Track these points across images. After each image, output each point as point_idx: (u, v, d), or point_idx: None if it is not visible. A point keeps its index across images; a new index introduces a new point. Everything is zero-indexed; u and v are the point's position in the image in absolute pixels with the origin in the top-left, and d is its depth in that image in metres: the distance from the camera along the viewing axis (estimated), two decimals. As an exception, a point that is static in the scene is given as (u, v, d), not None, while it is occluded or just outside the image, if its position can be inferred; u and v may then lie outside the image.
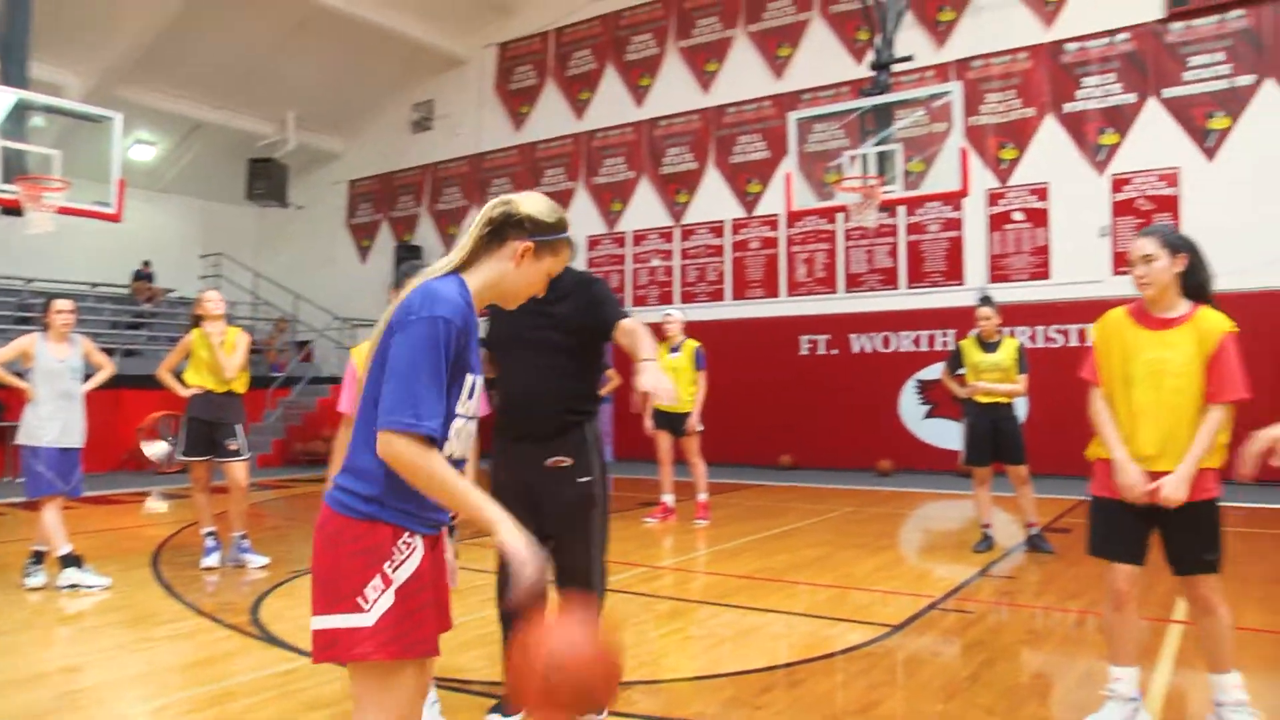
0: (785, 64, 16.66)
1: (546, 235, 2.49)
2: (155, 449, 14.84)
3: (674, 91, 17.88)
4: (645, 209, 18.14)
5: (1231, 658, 3.74)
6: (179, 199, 22.24)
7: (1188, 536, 3.72)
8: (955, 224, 14.89)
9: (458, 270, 2.43)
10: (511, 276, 2.48)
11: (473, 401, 2.41)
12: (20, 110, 10.28)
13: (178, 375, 7.78)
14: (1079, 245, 13.86)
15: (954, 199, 13.48)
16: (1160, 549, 3.80)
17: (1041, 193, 14.28)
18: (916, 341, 14.89)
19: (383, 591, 2.21)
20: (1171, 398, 3.70)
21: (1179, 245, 3.77)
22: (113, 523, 10.17)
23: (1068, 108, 14.13)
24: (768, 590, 6.69)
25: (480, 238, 2.46)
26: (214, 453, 7.66)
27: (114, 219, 11.12)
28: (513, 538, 2.20)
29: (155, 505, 11.59)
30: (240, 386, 7.78)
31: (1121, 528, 3.82)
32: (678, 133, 17.82)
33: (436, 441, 2.20)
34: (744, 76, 17.09)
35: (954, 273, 14.86)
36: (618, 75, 18.64)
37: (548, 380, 3.60)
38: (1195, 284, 3.78)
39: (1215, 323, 3.71)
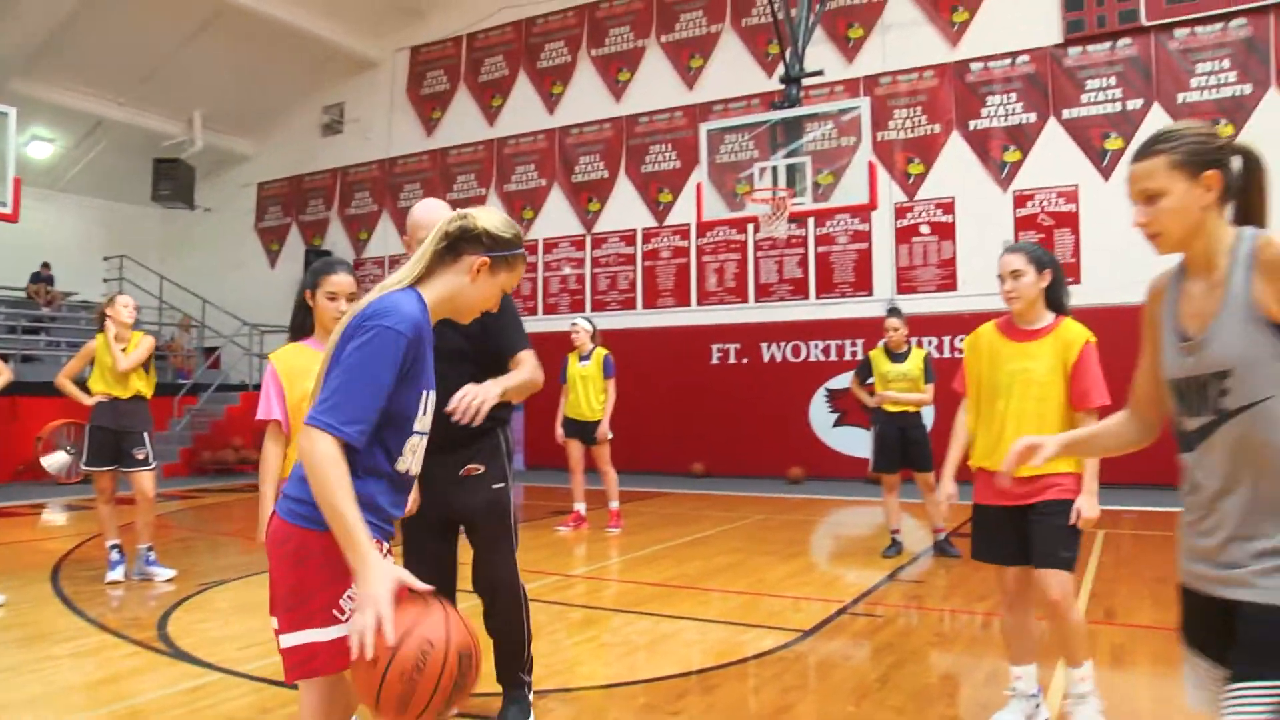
0: (697, 75, 16.83)
1: (503, 251, 2.49)
2: (54, 460, 14.41)
3: (586, 100, 17.93)
4: (557, 217, 18.14)
5: (1085, 650, 3.90)
6: (80, 199, 21.58)
7: (1048, 533, 3.83)
8: (864, 236, 15.18)
9: (414, 284, 2.42)
10: (467, 291, 2.47)
11: (427, 417, 2.41)
12: (-94, 105, 9.93)
13: (80, 383, 7.59)
14: (984, 258, 14.18)
15: (863, 211, 13.73)
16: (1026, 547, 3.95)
17: (948, 207, 14.64)
18: (826, 351, 15.14)
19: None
20: (1035, 405, 3.89)
21: (1044, 261, 3.98)
22: (9, 536, 9.88)
23: (973, 125, 14.51)
24: (681, 597, 6.76)
25: (436, 252, 2.45)
26: (119, 462, 7.44)
27: (9, 219, 10.76)
28: (375, 585, 2.10)
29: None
30: (146, 391, 7.58)
31: (999, 532, 3.97)
32: (590, 141, 17.87)
33: (353, 449, 2.20)
34: (656, 86, 17.21)
35: (863, 284, 15.14)
36: (530, 82, 18.62)
37: (457, 389, 3.60)
38: (1056, 298, 4.00)
39: (1076, 333, 3.94)
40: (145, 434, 7.50)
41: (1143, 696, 4.53)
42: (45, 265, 19.55)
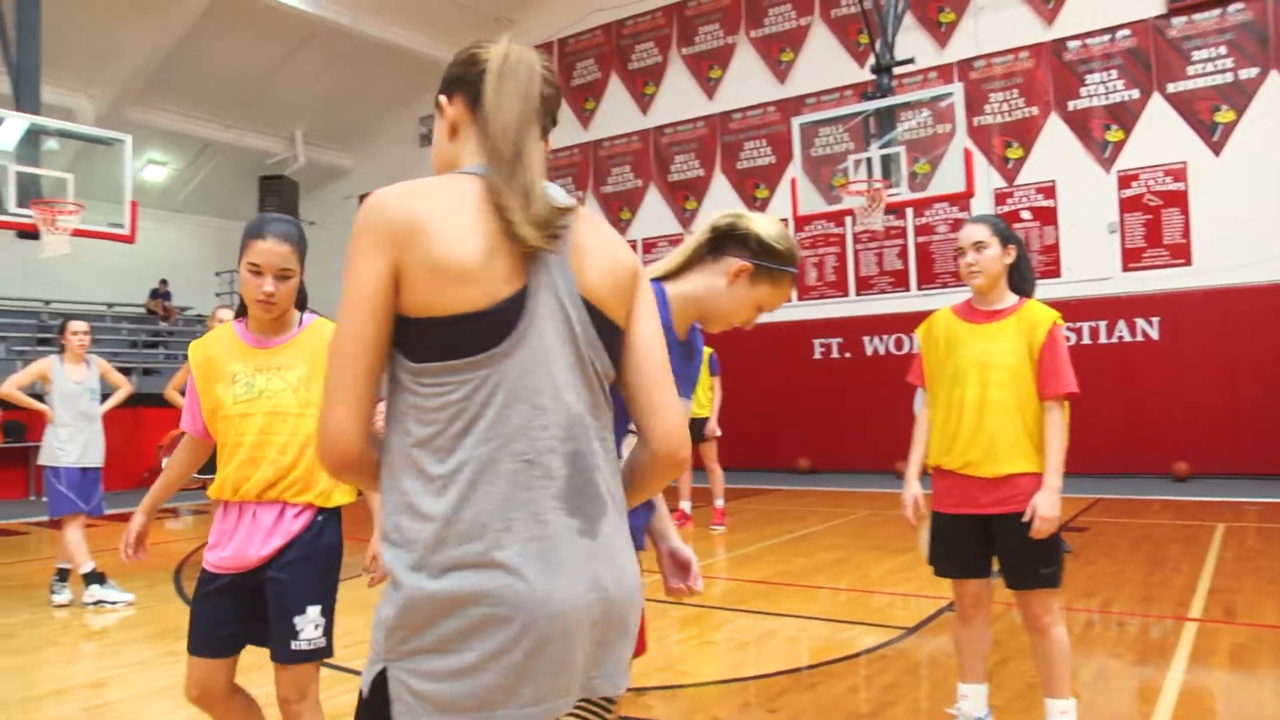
0: (788, 69, 16.71)
1: (769, 261, 2.32)
2: (171, 468, 14.97)
3: (679, 99, 17.95)
4: (654, 217, 18.21)
5: (1066, 682, 3.50)
6: (192, 218, 22.41)
7: (1021, 549, 3.43)
8: (963, 224, 14.88)
9: (666, 277, 2.33)
10: (719, 296, 2.32)
11: None
12: (34, 135, 10.44)
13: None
14: (1088, 242, 13.88)
15: (960, 199, 13.50)
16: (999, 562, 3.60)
17: (1048, 191, 14.30)
18: (928, 342, 14.89)
19: None
20: (996, 394, 3.48)
21: (1010, 237, 3.66)
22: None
23: (1072, 105, 14.15)
24: (785, 594, 6.73)
25: (699, 245, 2.34)
26: None
27: (128, 240, 11.24)
28: None
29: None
30: None
31: (962, 543, 3.60)
32: (684, 140, 17.88)
33: None
34: (748, 82, 17.15)
35: (963, 273, 14.85)
36: (622, 84, 18.71)
37: None
38: (1020, 278, 3.65)
39: (1042, 314, 3.53)
40: None
41: (1268, 702, 4.29)
42: (163, 282, 20.30)
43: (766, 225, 2.34)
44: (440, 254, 1.50)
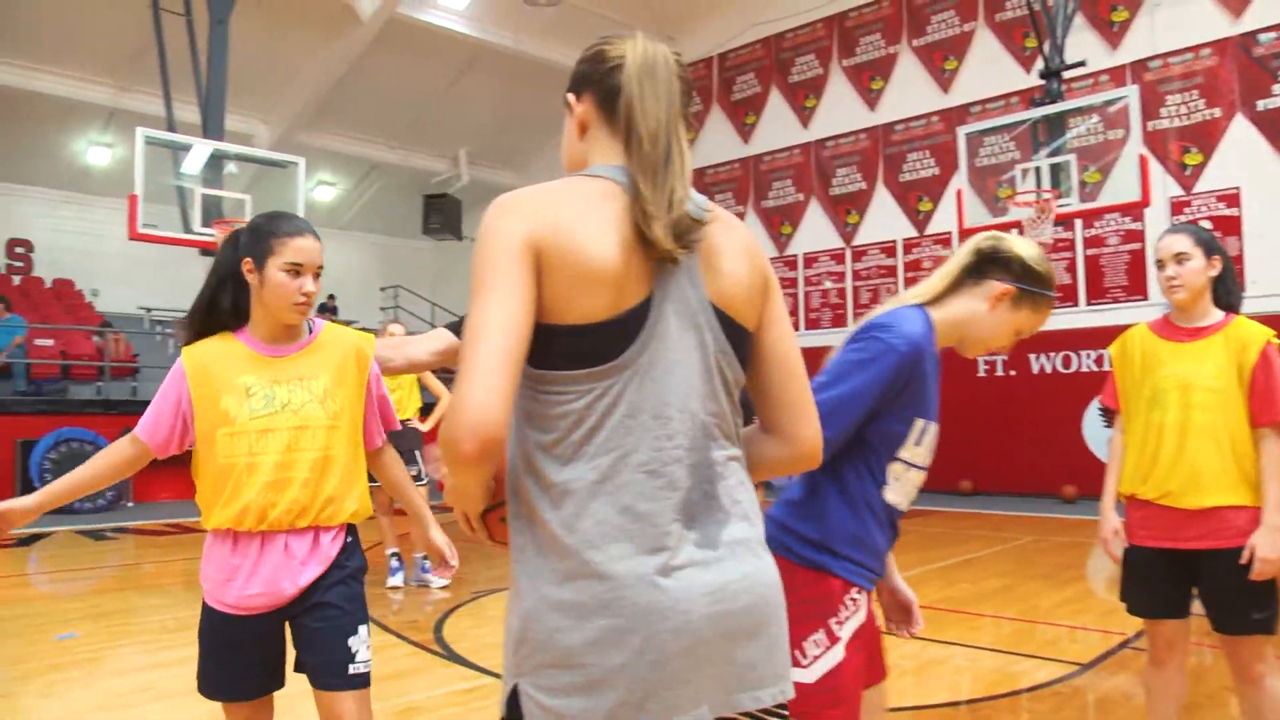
0: (952, 77, 16.29)
1: (1032, 286, 2.31)
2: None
3: (840, 111, 17.69)
4: (815, 231, 17.96)
5: None
6: (359, 235, 23.23)
7: (1231, 590, 3.09)
8: (1137, 235, 14.22)
9: (930, 302, 2.29)
10: (981, 320, 2.31)
11: (921, 449, 2.25)
12: (216, 159, 10.98)
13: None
14: (1276, 255, 13.06)
15: (1134, 209, 12.89)
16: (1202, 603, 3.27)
17: (1232, 199, 13.52)
18: (1099, 361, 14.25)
19: (826, 649, 2.08)
20: (1200, 417, 3.16)
21: (1213, 246, 3.29)
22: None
23: (1261, 104, 13.30)
24: (950, 621, 6.48)
25: (961, 269, 2.31)
26: None
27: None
28: None
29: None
30: (415, 413, 8.13)
31: (1160, 580, 3.28)
32: (846, 153, 17.62)
33: (847, 479, 2.15)
34: (910, 92, 16.77)
35: (1137, 287, 14.19)
36: (782, 97, 18.56)
37: None
38: (1226, 293, 3.32)
39: (1254, 332, 3.19)
40: (416, 452, 7.97)
41: None
42: (331, 298, 21.06)
43: (1028, 248, 2.32)
44: (580, 255, 1.47)
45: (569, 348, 1.49)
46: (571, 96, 1.71)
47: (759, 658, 1.56)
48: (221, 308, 2.70)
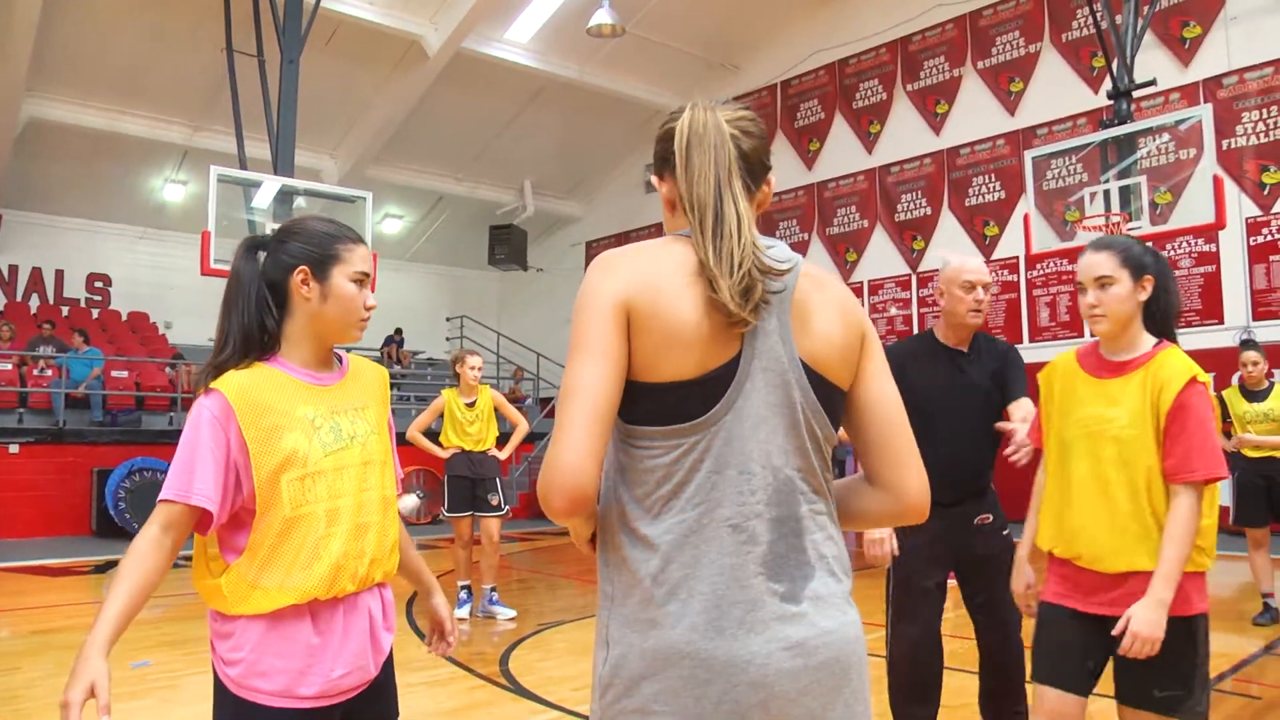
0: (1018, 99, 16.09)
1: None
2: (406, 502, 15.61)
3: (905, 136, 17.54)
4: (881, 257, 17.80)
5: None
6: (426, 266, 23.47)
7: (1137, 660, 2.67)
8: (1211, 257, 13.89)
9: None
10: None
11: None
12: (286, 194, 11.20)
13: (434, 436, 8.11)
14: (1362, 273, 12.71)
15: (1208, 231, 12.60)
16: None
17: (1314, 219, 13.19)
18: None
19: None
20: (1112, 472, 2.75)
21: (1143, 264, 2.86)
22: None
23: (1342, 125, 13.02)
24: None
25: None
26: (475, 508, 7.94)
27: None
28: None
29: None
30: (493, 442, 8.13)
31: (1058, 640, 2.86)
32: (910, 178, 17.47)
33: None
34: (975, 116, 16.58)
35: (1212, 311, 13.83)
36: (846, 123, 18.47)
37: (978, 424, 4.25)
38: (1162, 317, 2.91)
39: (1175, 369, 2.75)
40: (498, 480, 7.98)
41: None
42: (398, 331, 21.29)
43: None
44: (668, 316, 1.54)
45: (658, 405, 1.55)
46: (655, 179, 1.82)
47: (836, 714, 1.58)
48: (268, 330, 2.22)
